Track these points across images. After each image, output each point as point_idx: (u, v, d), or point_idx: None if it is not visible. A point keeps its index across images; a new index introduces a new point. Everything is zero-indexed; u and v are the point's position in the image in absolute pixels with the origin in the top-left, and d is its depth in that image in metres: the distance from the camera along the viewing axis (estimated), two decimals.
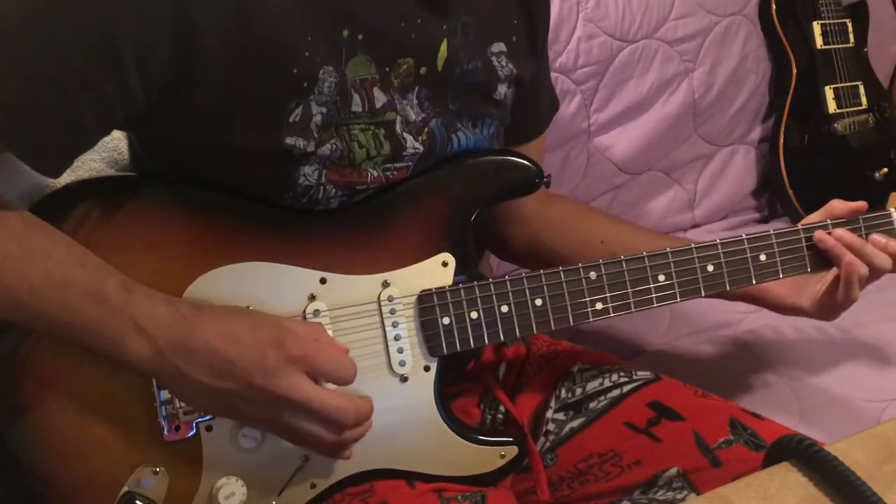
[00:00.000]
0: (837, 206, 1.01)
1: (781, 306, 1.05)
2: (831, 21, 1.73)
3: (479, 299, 0.88)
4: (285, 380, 0.75)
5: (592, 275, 0.91)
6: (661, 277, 0.92)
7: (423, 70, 0.87)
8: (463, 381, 1.01)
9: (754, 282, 0.96)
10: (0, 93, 0.72)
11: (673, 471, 0.92)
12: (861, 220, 1.00)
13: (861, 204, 1.01)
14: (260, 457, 0.84)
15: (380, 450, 0.87)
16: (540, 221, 1.10)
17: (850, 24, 1.76)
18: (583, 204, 1.42)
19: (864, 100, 1.76)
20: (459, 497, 0.87)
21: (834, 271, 1.00)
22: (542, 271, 0.89)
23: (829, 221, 0.99)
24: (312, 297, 0.85)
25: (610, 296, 0.91)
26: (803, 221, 1.01)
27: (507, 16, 0.96)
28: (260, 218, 0.85)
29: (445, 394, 0.90)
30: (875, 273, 0.98)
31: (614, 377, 1.02)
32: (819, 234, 0.98)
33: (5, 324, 0.79)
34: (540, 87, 1.08)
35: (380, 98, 0.85)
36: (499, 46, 0.94)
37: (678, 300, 0.93)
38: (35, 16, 0.72)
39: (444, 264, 0.89)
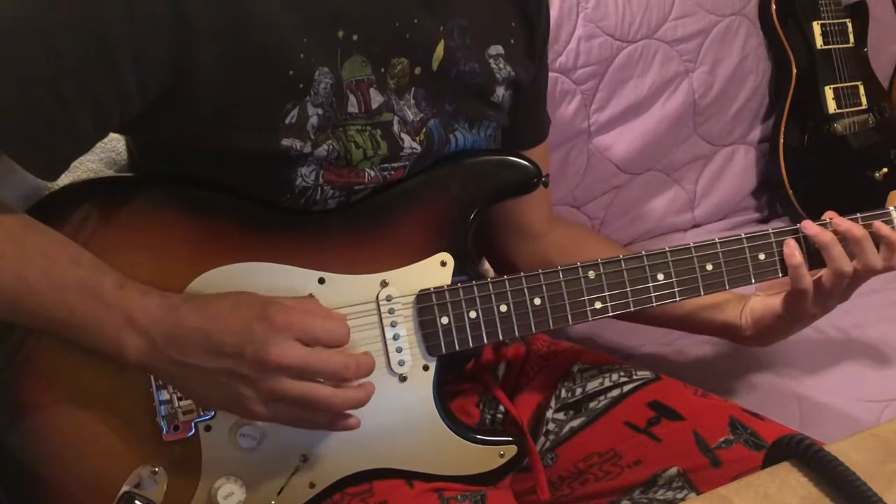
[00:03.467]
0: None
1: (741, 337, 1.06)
2: (831, 21, 1.73)
3: (477, 299, 0.88)
4: (275, 347, 0.74)
5: (591, 274, 0.90)
6: (660, 277, 0.92)
7: (417, 70, 0.87)
8: (462, 380, 1.01)
9: (753, 281, 0.96)
10: None
11: (673, 470, 0.92)
12: (860, 220, 0.99)
13: None
14: (259, 457, 0.84)
15: (379, 449, 0.87)
16: (548, 242, 1.11)
17: (850, 24, 1.76)
18: (592, 232, 1.43)
19: (864, 100, 1.76)
20: (459, 497, 0.87)
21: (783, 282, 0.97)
22: (540, 271, 0.90)
23: (828, 220, 0.99)
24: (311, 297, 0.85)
25: (609, 295, 0.91)
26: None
27: (504, 18, 0.95)
28: (258, 218, 0.85)
29: (445, 393, 0.90)
30: (866, 272, 0.96)
31: (614, 377, 1.02)
32: (805, 223, 0.95)
33: (5, 324, 0.79)
34: (543, 92, 1.08)
35: (376, 99, 0.85)
36: (496, 49, 0.94)
37: (677, 299, 0.93)
38: (31, 18, 0.72)
39: (443, 264, 0.89)
